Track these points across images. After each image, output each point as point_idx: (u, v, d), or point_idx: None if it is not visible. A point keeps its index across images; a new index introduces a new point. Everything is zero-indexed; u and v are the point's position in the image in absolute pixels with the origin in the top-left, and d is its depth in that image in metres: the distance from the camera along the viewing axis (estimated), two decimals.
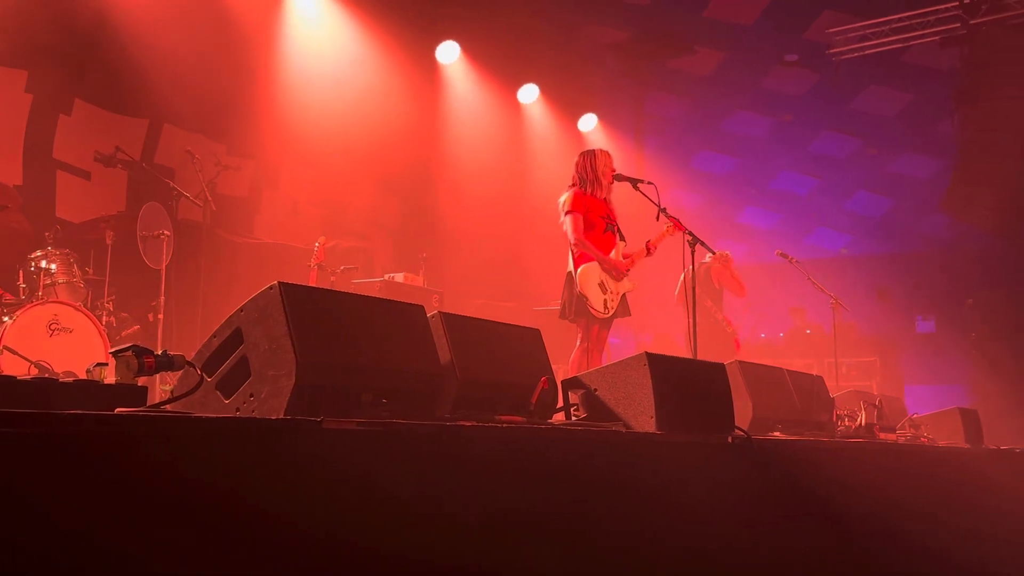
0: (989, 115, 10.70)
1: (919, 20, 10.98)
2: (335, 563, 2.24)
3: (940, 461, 6.13)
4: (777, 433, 5.01)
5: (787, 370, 5.69)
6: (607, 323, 6.19)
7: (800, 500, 4.22)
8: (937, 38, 11.02)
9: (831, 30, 11.30)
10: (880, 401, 6.24)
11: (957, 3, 10.67)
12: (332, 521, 2.24)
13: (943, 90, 11.59)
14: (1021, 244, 11.18)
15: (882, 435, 5.90)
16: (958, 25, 10.79)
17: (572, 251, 6.09)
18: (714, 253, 6.85)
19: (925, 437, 6.42)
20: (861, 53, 11.34)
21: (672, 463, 3.58)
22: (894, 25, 11.10)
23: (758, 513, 3.89)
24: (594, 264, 6.03)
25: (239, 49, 8.69)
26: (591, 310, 5.95)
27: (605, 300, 6.01)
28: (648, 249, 6.30)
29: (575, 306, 5.99)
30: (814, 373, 6.46)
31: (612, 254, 6.14)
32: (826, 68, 11.76)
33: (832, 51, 11.46)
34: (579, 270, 5.99)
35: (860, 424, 5.82)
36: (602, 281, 6.04)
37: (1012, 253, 11.37)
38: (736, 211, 15.37)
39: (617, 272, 6.11)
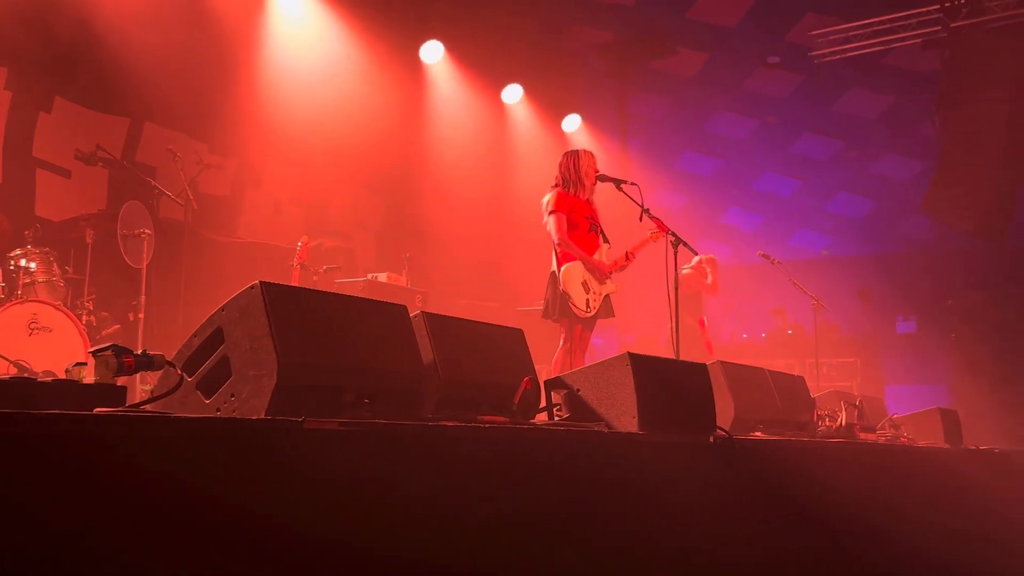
0: (970, 117, 10.78)
1: (900, 23, 11.06)
2: (317, 564, 2.23)
3: (920, 461, 6.17)
4: (758, 433, 5.03)
5: (768, 370, 5.71)
6: (590, 323, 6.20)
7: (781, 499, 4.24)
8: (918, 41, 11.10)
9: (813, 32, 11.36)
10: (860, 401, 6.27)
11: (938, 6, 10.75)
12: (314, 522, 2.23)
13: (924, 92, 11.67)
14: (1002, 246, 11.27)
15: (862, 435, 5.94)
16: (939, 28, 10.88)
17: (556, 251, 6.10)
18: (697, 255, 6.87)
19: (905, 437, 6.46)
20: (843, 55, 11.41)
21: (654, 463, 3.59)
22: (876, 28, 11.17)
23: (740, 512, 3.90)
24: (577, 263, 6.04)
25: (222, 47, 8.66)
26: (573, 308, 5.95)
27: (588, 299, 6.03)
28: (627, 257, 6.28)
29: (558, 305, 6.00)
30: (795, 373, 6.49)
31: (595, 255, 6.15)
32: (808, 70, 11.82)
33: (814, 53, 11.52)
34: (562, 269, 6.00)
35: (841, 424, 5.85)
36: (585, 280, 6.05)
37: (993, 255, 11.47)
38: (719, 212, 15.43)
39: (600, 273, 6.12)
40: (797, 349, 12.08)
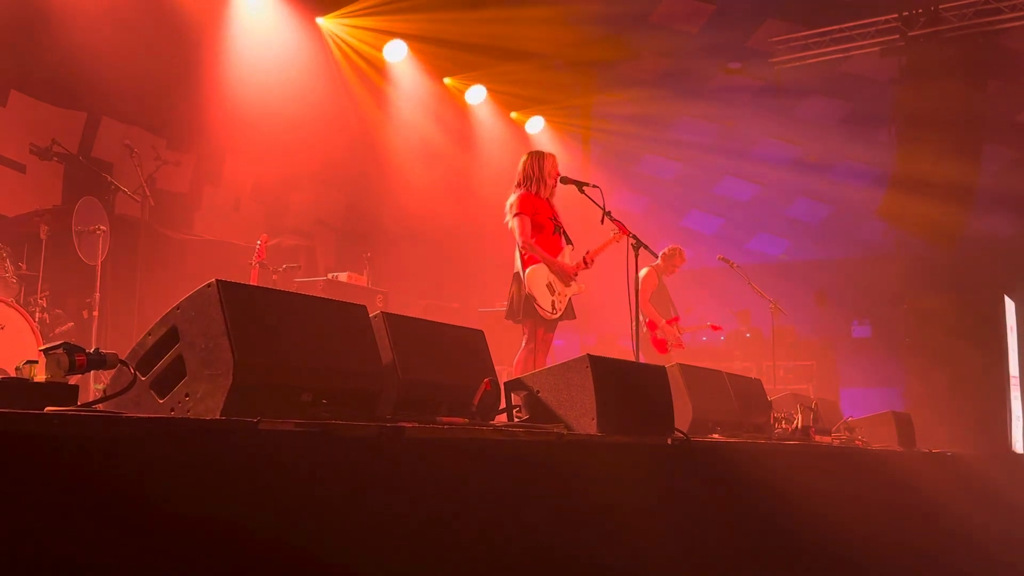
0: (926, 124, 10.97)
1: (859, 31, 11.22)
2: (271, 566, 2.21)
3: (874, 464, 6.26)
4: (716, 435, 5.07)
5: (726, 373, 5.76)
6: (553, 325, 6.20)
7: (737, 501, 4.27)
8: (876, 49, 11.28)
9: (774, 39, 11.47)
10: (816, 404, 6.35)
11: (896, 15, 10.92)
12: (268, 524, 2.21)
13: (882, 100, 11.85)
14: (954, 251, 11.47)
15: (818, 437, 6.01)
16: (897, 37, 11.06)
17: (520, 252, 6.09)
18: (657, 257, 6.89)
19: (859, 440, 6.55)
20: (803, 62, 11.55)
21: (613, 464, 3.61)
22: (835, 35, 11.32)
23: (696, 513, 3.93)
24: (542, 266, 6.03)
25: (181, 41, 8.55)
26: (539, 310, 5.95)
27: (553, 301, 6.03)
28: (586, 261, 6.26)
29: (523, 307, 5.99)
30: (753, 376, 6.55)
31: (559, 257, 6.15)
32: (769, 76, 11.95)
33: (774, 60, 11.65)
34: (527, 271, 5.99)
35: (796, 427, 5.92)
36: (550, 282, 6.04)
37: (945, 260, 11.67)
38: (680, 215, 15.52)
39: (564, 275, 6.13)
40: (755, 351, 12.20)
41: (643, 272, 8.55)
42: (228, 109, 8.90)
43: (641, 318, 8.44)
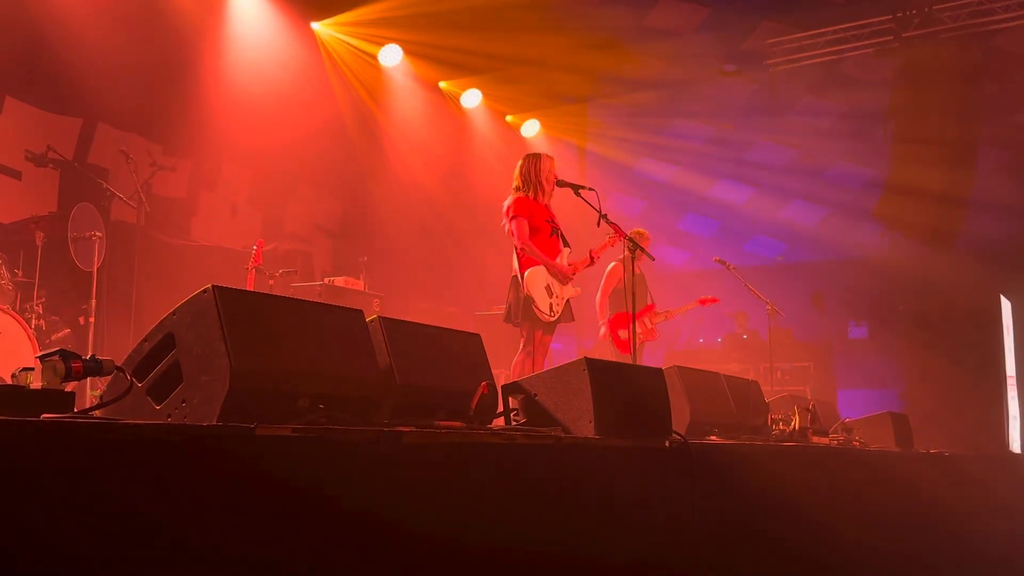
0: (921, 125, 10.99)
1: (853, 32, 11.24)
2: (267, 573, 2.20)
3: (871, 465, 6.26)
4: (713, 437, 5.07)
5: (724, 375, 5.76)
6: (551, 328, 6.21)
7: (735, 503, 4.27)
8: (871, 50, 11.30)
9: (769, 41, 11.49)
10: (813, 405, 6.34)
11: (890, 16, 10.94)
12: (263, 531, 2.21)
13: (877, 101, 11.86)
14: (950, 252, 11.49)
15: (815, 439, 6.01)
16: (891, 38, 11.07)
17: (518, 255, 6.09)
18: (652, 259, 6.87)
19: (857, 441, 6.55)
20: (797, 64, 11.57)
21: (610, 468, 3.60)
22: (829, 37, 11.34)
23: (694, 516, 3.93)
24: (540, 268, 6.04)
25: (177, 47, 8.54)
26: (537, 312, 5.96)
27: (551, 303, 6.04)
28: (591, 258, 6.32)
29: (521, 309, 6.00)
30: (750, 378, 6.55)
31: (557, 259, 6.16)
32: (764, 78, 11.97)
33: (769, 62, 11.66)
34: (526, 273, 6.00)
35: (794, 428, 5.92)
36: (548, 284, 6.06)
37: (942, 260, 11.68)
38: (677, 218, 15.54)
39: (563, 276, 6.14)
40: (752, 353, 12.21)
41: (609, 267, 8.51)
42: (224, 114, 8.89)
43: (601, 319, 8.42)
